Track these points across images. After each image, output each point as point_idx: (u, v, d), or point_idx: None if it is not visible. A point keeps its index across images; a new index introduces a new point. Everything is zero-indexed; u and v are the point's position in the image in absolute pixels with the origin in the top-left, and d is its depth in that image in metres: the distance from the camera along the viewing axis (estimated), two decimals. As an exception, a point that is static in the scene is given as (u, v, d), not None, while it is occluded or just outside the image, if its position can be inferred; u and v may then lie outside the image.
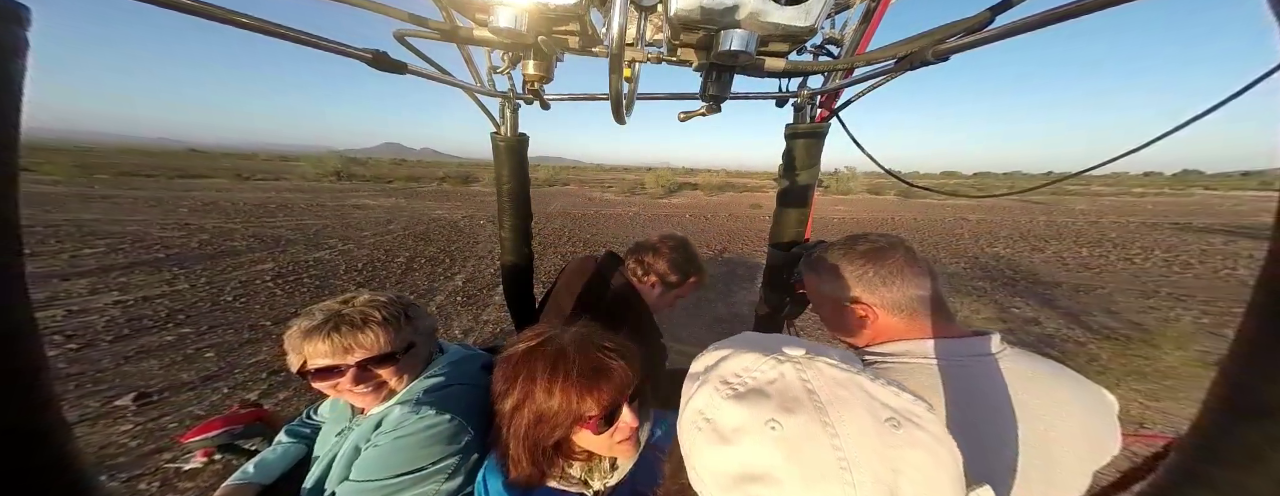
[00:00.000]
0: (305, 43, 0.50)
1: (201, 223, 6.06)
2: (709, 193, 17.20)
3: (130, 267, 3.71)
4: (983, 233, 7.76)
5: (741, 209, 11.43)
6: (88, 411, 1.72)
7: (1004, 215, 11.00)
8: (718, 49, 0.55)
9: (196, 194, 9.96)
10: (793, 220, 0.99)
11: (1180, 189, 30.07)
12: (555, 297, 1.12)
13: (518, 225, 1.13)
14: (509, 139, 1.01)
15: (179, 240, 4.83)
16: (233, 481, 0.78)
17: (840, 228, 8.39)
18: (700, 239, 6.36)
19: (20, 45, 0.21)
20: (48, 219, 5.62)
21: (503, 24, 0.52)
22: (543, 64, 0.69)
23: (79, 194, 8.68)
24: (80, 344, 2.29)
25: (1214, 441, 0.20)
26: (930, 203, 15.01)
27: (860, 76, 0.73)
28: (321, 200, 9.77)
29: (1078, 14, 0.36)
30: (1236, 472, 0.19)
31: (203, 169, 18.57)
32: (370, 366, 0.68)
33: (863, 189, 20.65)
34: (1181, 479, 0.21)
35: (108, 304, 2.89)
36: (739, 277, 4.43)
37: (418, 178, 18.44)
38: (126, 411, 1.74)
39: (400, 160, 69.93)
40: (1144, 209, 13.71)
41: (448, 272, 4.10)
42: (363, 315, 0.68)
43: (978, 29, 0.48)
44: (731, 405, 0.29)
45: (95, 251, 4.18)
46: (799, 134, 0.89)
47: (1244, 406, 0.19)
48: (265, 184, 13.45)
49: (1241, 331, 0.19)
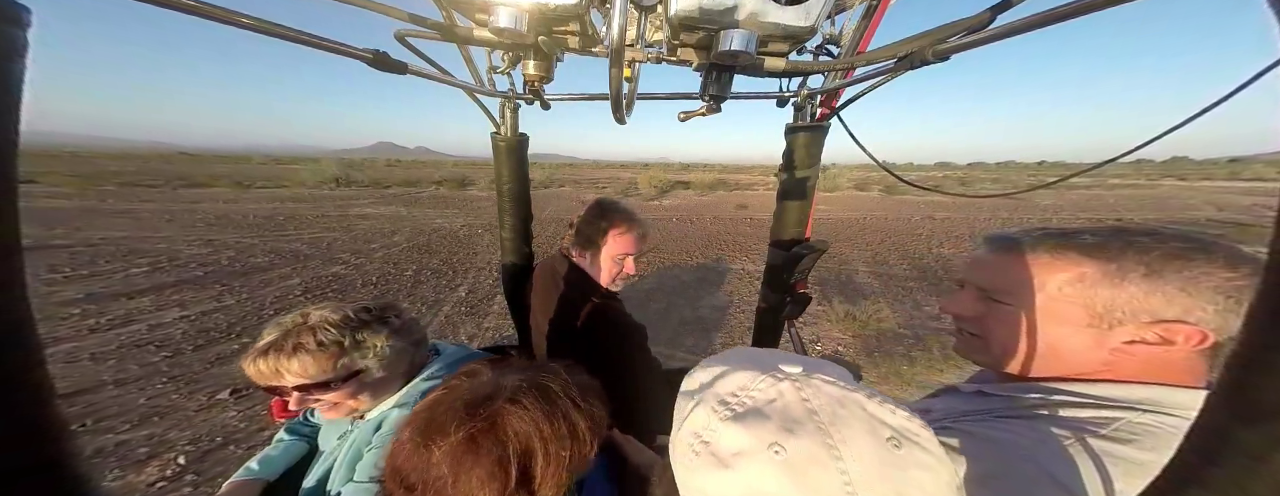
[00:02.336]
0: (305, 43, 0.50)
1: (222, 237, 6.61)
2: (700, 192, 17.67)
3: (179, 286, 4.30)
4: (939, 232, 8.41)
5: (727, 210, 11.96)
6: (201, 403, 2.34)
7: (969, 212, 11.66)
8: (718, 49, 0.55)
9: (205, 205, 10.44)
10: (793, 219, 0.98)
11: (1156, 179, 30.93)
12: (532, 316, 1.14)
13: (518, 225, 1.14)
14: (509, 139, 1.01)
15: (210, 257, 5.40)
16: (238, 477, 0.78)
17: (818, 229, 8.99)
18: (680, 245, 6.94)
19: (20, 45, 0.21)
20: (85, 238, 6.16)
21: (503, 24, 0.52)
22: (543, 64, 0.69)
23: (93, 209, 9.15)
24: (171, 352, 2.90)
25: (1215, 443, 0.20)
26: (909, 199, 15.62)
27: (860, 76, 0.73)
28: (325, 210, 10.26)
29: (1078, 14, 0.36)
30: (1238, 475, 0.18)
31: (201, 176, 18.88)
32: (308, 390, 0.66)
33: (849, 185, 21.27)
34: (1182, 480, 0.21)
35: (176, 318, 3.49)
36: (708, 283, 5.04)
37: (415, 181, 18.85)
38: (227, 403, 2.36)
39: (395, 160, 69.40)
40: (1104, 204, 14.37)
41: (451, 284, 4.71)
42: (296, 344, 0.64)
43: (978, 29, 0.49)
44: (730, 427, 0.28)
45: (141, 270, 4.75)
46: (799, 133, 0.89)
47: (1246, 408, 0.18)
48: (267, 192, 13.88)
49: (1244, 332, 0.19)
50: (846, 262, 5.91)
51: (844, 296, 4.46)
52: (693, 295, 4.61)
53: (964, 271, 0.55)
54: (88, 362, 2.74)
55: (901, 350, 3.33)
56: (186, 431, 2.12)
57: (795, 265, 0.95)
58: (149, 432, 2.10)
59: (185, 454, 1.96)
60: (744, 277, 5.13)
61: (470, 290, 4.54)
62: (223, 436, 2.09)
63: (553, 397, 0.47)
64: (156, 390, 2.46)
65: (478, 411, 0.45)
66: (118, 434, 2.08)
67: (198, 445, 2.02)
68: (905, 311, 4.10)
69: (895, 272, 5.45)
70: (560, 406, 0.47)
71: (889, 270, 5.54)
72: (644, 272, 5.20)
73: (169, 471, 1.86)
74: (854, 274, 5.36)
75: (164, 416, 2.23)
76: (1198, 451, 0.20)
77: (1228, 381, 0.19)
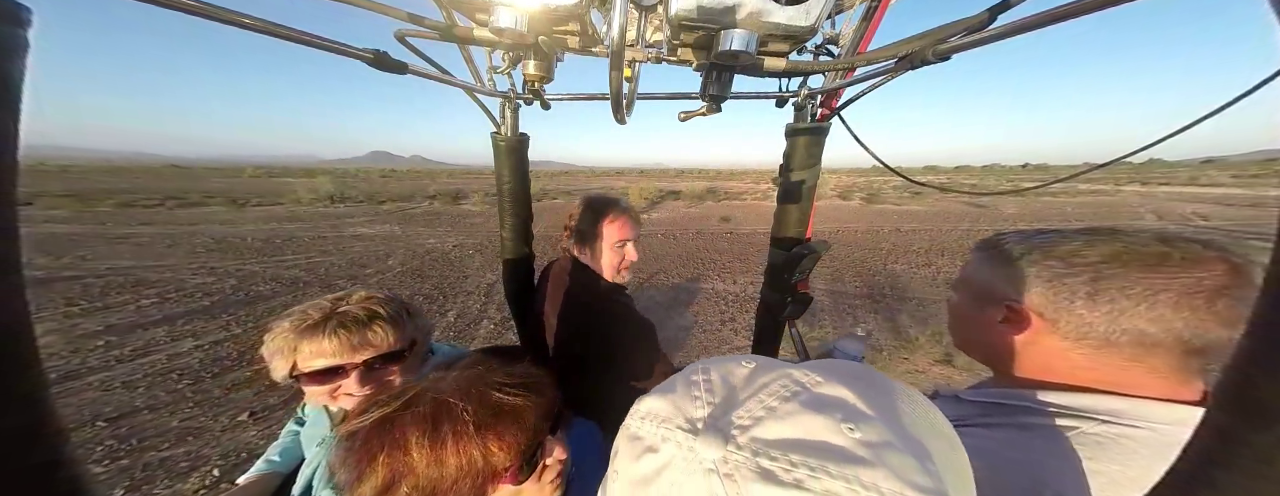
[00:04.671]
0: (305, 43, 0.50)
1: (224, 265, 6.99)
2: (689, 203, 18.03)
3: (189, 316, 4.69)
4: (902, 245, 8.95)
5: (711, 223, 12.37)
6: (225, 424, 2.76)
7: (936, 223, 12.19)
8: (718, 49, 0.55)
9: (203, 228, 10.77)
10: (793, 220, 0.98)
11: (1123, 184, 32.08)
12: (546, 317, 1.14)
13: (518, 225, 1.15)
14: (509, 139, 1.02)
15: (215, 286, 5.78)
16: (259, 470, 0.78)
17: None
18: (659, 264, 7.35)
19: (20, 45, 0.21)
20: (92, 268, 6.50)
21: (503, 24, 0.52)
22: (543, 64, 0.69)
23: (94, 233, 9.45)
24: (192, 380, 3.31)
25: (1219, 445, 0.19)
26: (887, 208, 16.25)
27: (861, 76, 0.73)
28: (321, 230, 10.63)
29: (1078, 14, 0.36)
30: (1242, 477, 0.18)
31: (195, 193, 19.08)
32: (377, 365, 0.64)
33: (833, 193, 21.95)
34: (1185, 482, 0.21)
35: (191, 348, 3.89)
36: (679, 304, 5.48)
37: (409, 196, 19.23)
38: (247, 424, 2.78)
39: (390, 171, 69.60)
40: (1061, 213, 15.02)
41: (442, 309, 5.14)
42: (367, 311, 0.65)
43: (978, 29, 0.48)
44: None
45: (151, 301, 5.12)
46: (800, 133, 0.89)
47: (1252, 410, 0.18)
48: (263, 211, 14.18)
49: (1248, 332, 0.19)
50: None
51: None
52: (661, 316, 5.03)
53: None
54: (121, 390, 3.15)
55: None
56: (216, 448, 2.55)
57: (796, 265, 0.96)
58: (186, 449, 2.53)
59: (218, 467, 2.39)
60: (713, 298, 5.60)
61: (459, 314, 4.98)
62: (247, 452, 2.52)
63: (441, 421, 0.43)
64: (186, 413, 2.88)
65: (378, 408, 0.46)
66: (160, 452, 2.51)
67: (227, 459, 2.45)
68: (840, 327, 4.61)
69: (847, 290, 5.95)
70: (443, 432, 0.43)
71: (843, 287, 6.05)
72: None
73: (207, 481, 2.30)
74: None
75: (196, 436, 2.66)
76: (1203, 454, 0.20)
77: (1232, 384, 0.19)
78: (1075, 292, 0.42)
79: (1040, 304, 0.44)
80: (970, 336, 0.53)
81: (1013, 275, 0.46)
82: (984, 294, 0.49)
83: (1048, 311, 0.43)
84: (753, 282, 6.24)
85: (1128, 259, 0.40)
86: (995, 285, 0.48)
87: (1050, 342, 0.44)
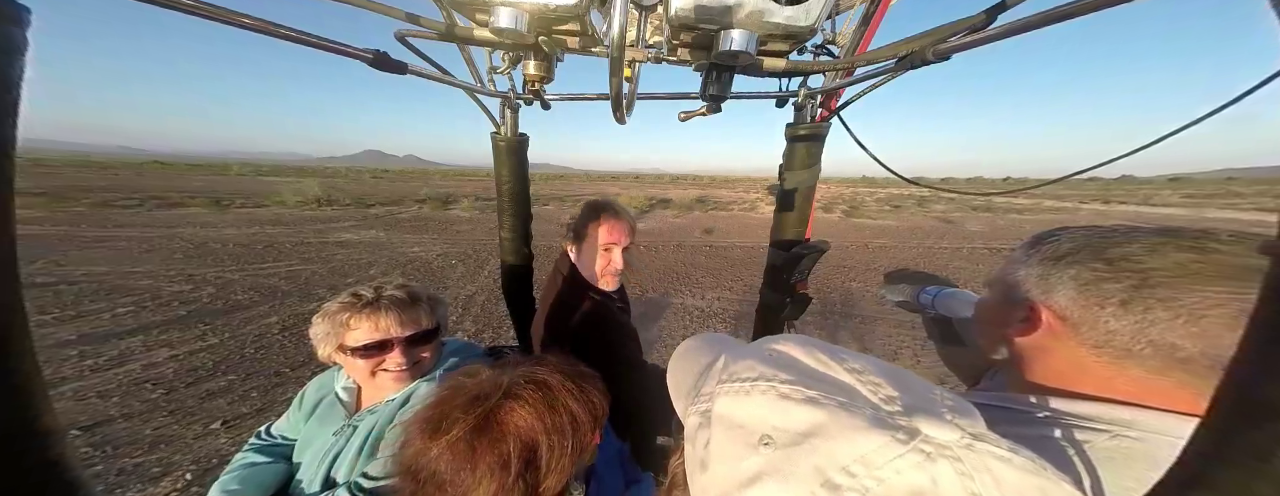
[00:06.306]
0: (305, 43, 0.50)
1: (202, 272, 7.05)
2: (677, 213, 18.24)
3: (165, 325, 4.79)
4: (867, 262, 9.34)
5: (693, 235, 12.63)
6: (198, 433, 2.93)
7: (904, 238, 12.67)
8: (718, 49, 0.56)
9: (182, 230, 10.71)
10: (793, 220, 0.99)
11: (1087, 201, 33.44)
12: (537, 314, 1.17)
13: (518, 225, 1.16)
14: (509, 139, 1.03)
15: (191, 295, 5.86)
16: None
17: (752, 255, 9.78)
18: (636, 278, 7.48)
19: (20, 45, 0.22)
20: (66, 274, 6.51)
21: (503, 24, 0.53)
22: (543, 64, 0.70)
23: (69, 236, 9.36)
24: (166, 390, 3.46)
25: (1219, 442, 0.20)
26: (864, 222, 16.82)
27: (861, 76, 0.73)
28: (304, 236, 10.65)
29: (1078, 14, 0.36)
30: (1242, 474, 0.18)
31: (177, 193, 18.79)
32: (417, 341, 0.72)
33: (818, 204, 22.52)
34: (1186, 480, 0.21)
35: (166, 358, 4.02)
36: (648, 319, 5.69)
37: (398, 199, 19.20)
38: (219, 432, 2.96)
39: (381, 171, 68.37)
40: (1021, 230, 15.49)
41: (418, 319, 5.34)
42: (410, 294, 0.72)
43: (978, 29, 0.49)
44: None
45: (127, 310, 5.19)
46: (800, 134, 0.89)
47: (1250, 407, 0.19)
48: (246, 214, 14.06)
49: (1248, 332, 0.19)
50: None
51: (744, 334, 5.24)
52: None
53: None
54: (96, 399, 3.29)
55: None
56: (188, 455, 2.72)
57: (796, 265, 0.97)
58: (159, 456, 2.70)
59: (190, 472, 2.57)
60: (680, 313, 5.87)
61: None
62: (218, 459, 2.71)
63: (551, 390, 0.49)
64: (159, 422, 3.04)
65: (475, 408, 0.47)
66: (133, 458, 2.67)
67: (199, 465, 2.63)
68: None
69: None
70: (559, 398, 0.49)
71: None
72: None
73: (179, 484, 2.48)
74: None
75: (169, 443, 2.82)
76: (1203, 451, 0.20)
77: (1232, 382, 0.20)
78: (1108, 299, 0.39)
79: (1066, 307, 0.42)
80: (990, 336, 0.51)
81: (1046, 274, 0.44)
82: (1011, 292, 0.48)
83: (1072, 315, 0.42)
84: (718, 298, 6.55)
85: (1197, 270, 0.36)
86: (1024, 284, 0.46)
87: (1068, 348, 0.42)
